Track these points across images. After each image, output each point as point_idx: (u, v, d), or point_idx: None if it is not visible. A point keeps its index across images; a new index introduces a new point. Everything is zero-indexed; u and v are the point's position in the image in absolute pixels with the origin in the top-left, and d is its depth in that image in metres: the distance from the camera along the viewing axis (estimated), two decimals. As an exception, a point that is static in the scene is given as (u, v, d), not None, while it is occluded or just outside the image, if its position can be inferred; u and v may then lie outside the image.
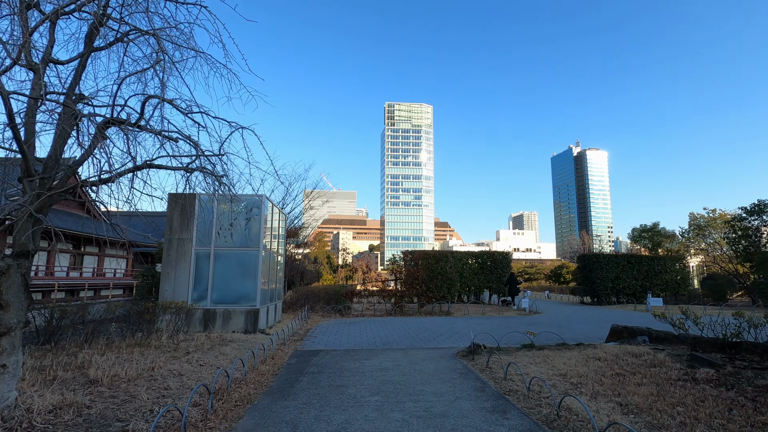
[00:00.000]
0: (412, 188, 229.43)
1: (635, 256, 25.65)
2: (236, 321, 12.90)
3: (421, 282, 18.84)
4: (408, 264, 20.21)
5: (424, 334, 12.48)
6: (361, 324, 15.30)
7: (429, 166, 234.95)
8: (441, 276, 19.21)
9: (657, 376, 6.36)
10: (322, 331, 13.59)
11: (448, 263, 20.00)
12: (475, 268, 24.28)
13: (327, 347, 10.36)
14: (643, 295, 24.98)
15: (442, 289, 19.09)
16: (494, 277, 24.51)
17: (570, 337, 11.73)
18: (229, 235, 13.43)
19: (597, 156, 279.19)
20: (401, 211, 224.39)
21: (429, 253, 20.16)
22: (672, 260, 25.91)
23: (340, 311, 18.54)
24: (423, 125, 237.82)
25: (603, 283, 24.61)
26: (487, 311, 19.37)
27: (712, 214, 42.39)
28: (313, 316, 18.15)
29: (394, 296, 18.96)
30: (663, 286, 25.28)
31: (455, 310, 19.90)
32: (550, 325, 14.69)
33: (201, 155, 5.74)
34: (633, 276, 24.99)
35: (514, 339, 11.00)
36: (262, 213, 13.59)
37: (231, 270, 13.47)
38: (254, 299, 13.08)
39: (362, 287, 18.84)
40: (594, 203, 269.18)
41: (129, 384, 5.87)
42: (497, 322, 15.93)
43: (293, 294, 25.74)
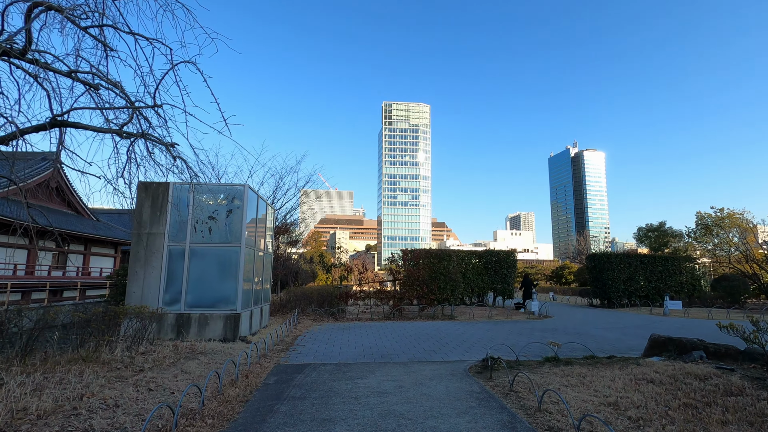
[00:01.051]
0: (409, 188, 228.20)
1: (648, 256, 24.19)
2: (213, 327, 11.32)
3: (422, 283, 17.31)
4: (408, 264, 18.67)
5: (428, 343, 10.94)
6: (356, 330, 13.74)
7: (426, 165, 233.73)
8: (443, 277, 17.67)
9: (743, 410, 4.84)
10: (312, 338, 12.02)
11: (452, 263, 18.46)
12: (478, 268, 22.74)
13: (315, 360, 8.80)
14: (656, 298, 23.56)
15: (444, 290, 17.55)
16: (499, 277, 22.98)
17: (595, 346, 10.23)
18: (207, 230, 11.85)
19: (594, 157, 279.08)
20: (398, 211, 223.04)
21: (431, 252, 18.65)
22: (685, 261, 24.48)
23: (334, 315, 16.98)
24: (420, 125, 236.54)
25: (615, 285, 23.12)
26: (494, 315, 17.85)
27: (719, 213, 41.13)
28: (304, 320, 16.58)
29: (393, 298, 17.42)
30: (677, 288, 23.82)
31: (459, 313, 18.36)
32: (567, 332, 13.19)
33: (131, 107, 4.11)
34: (646, 277, 23.53)
35: (532, 350, 9.48)
36: (244, 205, 12.00)
37: (208, 269, 11.88)
38: (234, 302, 11.50)
39: (358, 288, 17.26)
40: (591, 204, 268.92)
41: (34, 426, 4.28)
42: (507, 327, 14.41)
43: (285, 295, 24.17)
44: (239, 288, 11.51)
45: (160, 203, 11.90)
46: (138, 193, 12.03)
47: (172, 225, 11.83)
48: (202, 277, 11.72)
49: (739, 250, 30.74)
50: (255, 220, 13.42)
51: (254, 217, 13.38)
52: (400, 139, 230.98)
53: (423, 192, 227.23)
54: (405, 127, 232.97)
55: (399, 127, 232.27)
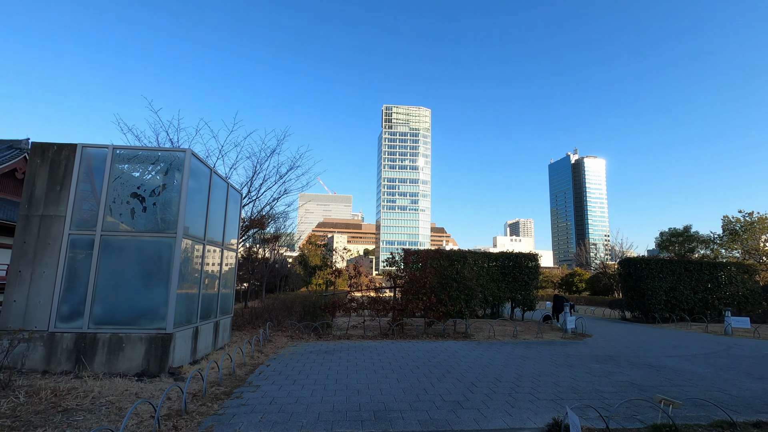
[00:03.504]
0: (408, 192, 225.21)
1: (694, 263, 20.57)
2: (130, 354, 7.69)
3: (429, 291, 13.70)
4: (411, 267, 15.08)
5: (446, 383, 7.30)
6: (342, 354, 10.10)
7: (426, 170, 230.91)
8: (456, 284, 14.05)
9: None
10: (279, 369, 8.38)
11: (467, 266, 14.85)
12: (494, 274, 19.13)
13: (264, 421, 5.17)
14: (701, 312, 19.95)
15: (458, 301, 13.92)
16: (518, 285, 19.36)
17: (703, 394, 6.62)
18: (129, 212, 8.24)
19: (595, 164, 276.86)
20: (397, 215, 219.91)
21: (440, 253, 15.02)
22: (738, 269, 20.91)
23: (317, 330, 13.33)
24: (421, 129, 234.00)
25: (655, 296, 19.49)
26: (520, 333, 14.21)
27: (749, 218, 37.70)
28: (279, 336, 12.94)
29: (392, 310, 13.79)
30: (727, 301, 20.25)
31: (475, 329, 14.73)
32: (632, 363, 9.58)
33: None
34: (691, 287, 19.91)
35: (611, 399, 5.86)
36: (184, 178, 8.41)
37: (128, 269, 8.25)
38: (163, 317, 7.86)
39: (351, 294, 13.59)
40: (591, 211, 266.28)
41: None
42: (545, 352, 10.79)
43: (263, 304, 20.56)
44: (171, 296, 7.88)
45: (61, 174, 8.30)
46: (31, 159, 8.44)
47: (78, 205, 8.22)
48: (118, 279, 8.09)
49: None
50: (207, 202, 9.82)
51: (205, 199, 9.79)
52: (400, 143, 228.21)
53: (422, 196, 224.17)
54: (405, 130, 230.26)
55: (399, 131, 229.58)
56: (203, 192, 9.75)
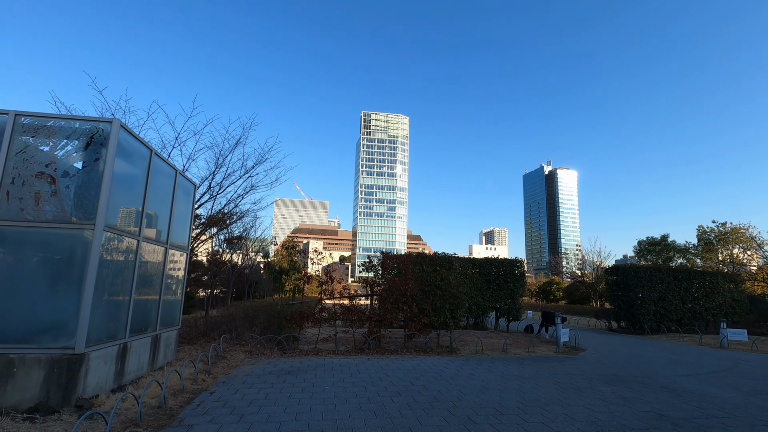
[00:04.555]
0: (385, 199, 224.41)
1: (683, 271, 19.87)
2: (24, 381, 5.82)
3: (409, 300, 12.19)
4: (390, 272, 13.57)
5: (437, 420, 5.76)
6: (307, 377, 8.42)
7: (404, 177, 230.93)
8: (441, 291, 12.59)
9: None
10: (222, 400, 6.63)
11: (453, 272, 13.44)
12: (478, 281, 17.82)
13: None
14: (689, 323, 19.19)
15: (442, 311, 12.45)
16: (504, 293, 18.12)
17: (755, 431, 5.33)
18: (32, 197, 6.41)
19: (567, 175, 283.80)
20: (374, 222, 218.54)
21: (424, 257, 13.56)
22: (724, 278, 20.35)
23: (281, 344, 11.59)
24: (399, 136, 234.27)
25: (645, 306, 18.62)
26: (509, 346, 12.85)
27: (722, 228, 38.09)
28: (236, 351, 11.12)
29: (369, 321, 12.19)
30: (715, 311, 19.60)
31: (460, 343, 13.29)
32: (647, 386, 8.31)
33: None
34: (680, 297, 19.15)
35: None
36: (108, 156, 6.64)
37: (27, 269, 6.39)
38: (72, 332, 6.04)
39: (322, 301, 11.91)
40: (563, 221, 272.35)
41: None
42: (543, 372, 9.42)
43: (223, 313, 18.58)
44: (84, 305, 6.07)
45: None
46: None
47: (-38, 185, 6.32)
48: (11, 283, 6.21)
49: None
50: (145, 190, 8.03)
51: (143, 186, 7.99)
52: (378, 150, 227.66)
53: (399, 204, 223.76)
54: (383, 137, 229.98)
55: (377, 138, 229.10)
56: (139, 177, 7.96)
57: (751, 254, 35.75)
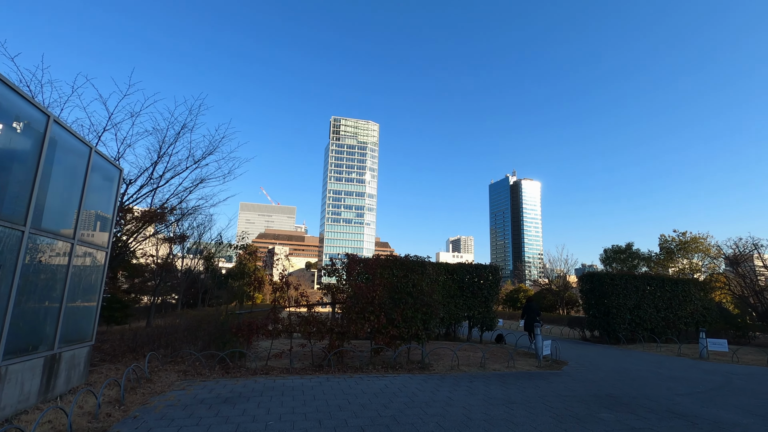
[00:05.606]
0: (354, 205, 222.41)
1: (656, 279, 19.43)
2: None
3: (377, 308, 10.70)
4: (357, 277, 12.06)
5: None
6: (249, 407, 6.73)
7: (373, 184, 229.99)
8: (413, 299, 11.16)
9: None
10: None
11: (426, 277, 12.03)
12: (451, 288, 16.56)
13: None
14: (662, 332, 18.71)
15: (414, 321, 10.99)
16: (478, 301, 16.94)
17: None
18: None
19: (531, 186, 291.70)
20: (342, 228, 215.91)
21: (394, 261, 12.09)
22: (695, 286, 20.11)
23: (224, 362, 9.76)
24: (369, 143, 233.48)
25: (620, 314, 17.96)
26: (488, 361, 11.56)
27: (682, 237, 39.00)
28: (168, 371, 9.22)
29: (330, 333, 10.57)
30: (687, 320, 19.26)
31: (434, 357, 11.89)
32: (653, 410, 7.17)
33: None
34: (654, 305, 18.65)
35: None
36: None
37: None
38: None
39: (275, 310, 10.17)
40: (527, 230, 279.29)
41: None
42: (532, 391, 8.14)
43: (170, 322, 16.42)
44: None
45: None
46: None
47: None
48: None
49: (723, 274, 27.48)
50: (37, 167, 6.15)
51: (34, 161, 6.13)
52: (348, 156, 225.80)
53: (368, 210, 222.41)
54: (353, 143, 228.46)
55: (347, 144, 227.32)
56: (29, 150, 6.10)
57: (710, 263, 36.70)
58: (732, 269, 28.57)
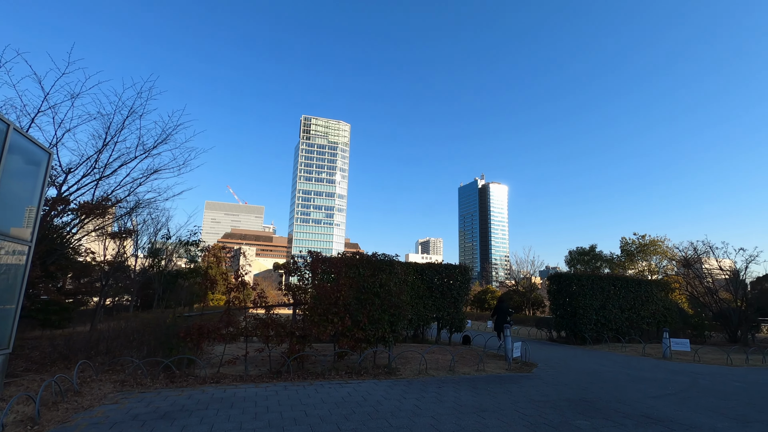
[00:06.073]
0: (324, 206, 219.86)
1: (621, 279, 19.73)
2: None
3: (342, 310, 10.02)
4: (321, 277, 11.33)
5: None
6: (189, 423, 5.89)
7: (343, 184, 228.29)
8: (380, 300, 10.55)
9: None
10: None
11: (395, 277, 11.45)
12: (420, 289, 16.09)
13: None
14: (626, 332, 19.00)
15: (381, 323, 10.39)
16: (447, 302, 16.54)
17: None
18: None
19: (499, 189, 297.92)
20: (311, 229, 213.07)
21: (360, 260, 11.43)
22: (657, 286, 20.60)
23: (169, 370, 8.80)
24: (340, 143, 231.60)
25: (587, 315, 18.06)
26: (457, 363, 11.10)
27: (642, 240, 40.36)
28: (104, 381, 8.18)
29: (290, 336, 9.78)
30: (649, 320, 19.66)
31: (401, 360, 11.32)
32: (625, 414, 6.86)
33: None
34: (619, 305, 18.91)
35: None
36: None
37: None
38: None
39: (228, 311, 9.24)
40: (494, 233, 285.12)
41: None
42: (504, 397, 7.69)
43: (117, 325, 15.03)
44: None
45: None
46: None
47: None
48: None
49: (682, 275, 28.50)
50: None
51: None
52: (318, 156, 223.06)
53: (338, 211, 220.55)
54: (323, 143, 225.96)
55: (317, 143, 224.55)
56: None
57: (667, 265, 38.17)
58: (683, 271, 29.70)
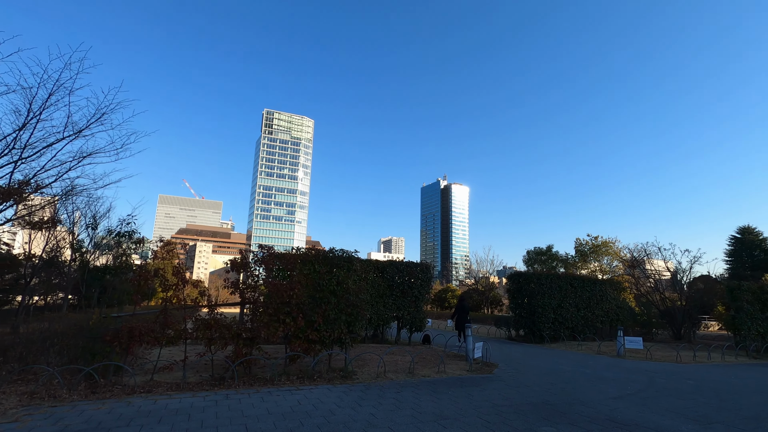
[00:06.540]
0: (285, 202, 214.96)
1: (578, 279, 20.11)
2: None
3: (295, 309, 9.24)
4: (275, 274, 10.49)
5: None
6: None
7: (305, 181, 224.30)
8: (337, 298, 9.85)
9: None
10: None
11: (353, 274, 10.77)
12: (380, 287, 15.52)
13: None
14: (582, 330, 19.36)
15: (338, 323, 9.69)
16: (408, 301, 16.07)
17: None
18: None
19: (460, 191, 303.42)
20: (272, 226, 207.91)
21: (317, 256, 10.67)
22: (611, 286, 21.19)
23: (92, 379, 7.69)
24: (303, 139, 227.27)
25: (545, 313, 18.21)
26: (416, 365, 10.59)
27: (595, 241, 41.92)
28: (7, 394, 6.96)
29: (236, 339, 8.88)
30: (603, 318, 20.17)
31: (358, 363, 10.67)
32: (589, 417, 6.56)
33: None
34: (575, 304, 19.24)
35: None
36: None
37: None
38: None
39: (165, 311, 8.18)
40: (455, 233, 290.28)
41: None
42: (465, 402, 7.23)
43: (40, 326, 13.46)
44: None
45: None
46: None
47: None
48: None
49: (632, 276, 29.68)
50: None
51: None
52: (280, 151, 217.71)
53: (300, 208, 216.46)
54: (286, 138, 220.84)
55: (280, 138, 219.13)
56: None
57: (617, 265, 39.87)
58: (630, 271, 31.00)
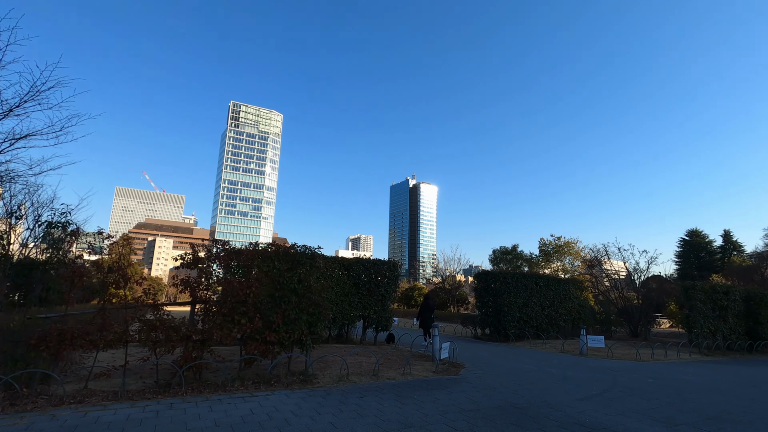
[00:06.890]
0: (251, 198, 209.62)
1: (543, 278, 20.35)
2: None
3: (252, 308, 8.58)
4: (233, 270, 9.76)
5: None
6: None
7: (273, 176, 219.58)
8: (298, 297, 9.24)
9: None
10: None
11: (316, 272, 10.17)
12: (346, 286, 14.98)
13: None
14: (546, 329, 19.59)
15: (298, 323, 9.08)
16: (374, 299, 15.62)
17: None
18: None
19: (429, 190, 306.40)
20: (237, 221, 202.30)
21: (277, 252, 10.00)
22: (574, 285, 21.59)
23: (11, 388, 6.74)
24: (271, 133, 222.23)
25: (511, 312, 18.26)
26: (381, 367, 10.16)
27: (558, 241, 43.04)
28: None
29: (186, 341, 8.11)
30: (566, 317, 20.51)
31: (320, 366, 10.12)
32: (557, 421, 6.33)
33: None
34: (540, 303, 19.44)
35: None
36: None
37: None
38: None
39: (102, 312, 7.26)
40: (423, 232, 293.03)
41: None
42: (431, 407, 6.84)
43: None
44: None
45: None
46: None
47: None
48: None
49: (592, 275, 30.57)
50: None
51: None
52: (247, 145, 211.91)
53: (266, 204, 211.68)
54: (254, 132, 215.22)
55: (247, 132, 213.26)
56: None
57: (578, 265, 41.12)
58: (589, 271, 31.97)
